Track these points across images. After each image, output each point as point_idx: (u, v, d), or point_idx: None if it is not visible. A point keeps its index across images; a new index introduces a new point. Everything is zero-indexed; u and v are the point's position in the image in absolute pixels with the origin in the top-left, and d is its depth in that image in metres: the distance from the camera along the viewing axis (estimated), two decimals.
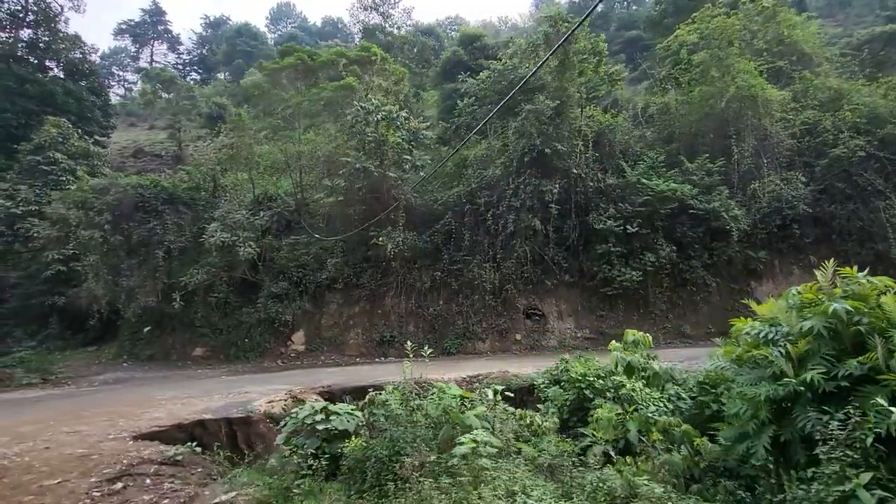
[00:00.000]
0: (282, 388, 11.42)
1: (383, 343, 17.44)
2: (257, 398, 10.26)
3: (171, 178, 19.19)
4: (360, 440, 5.97)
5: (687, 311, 16.16)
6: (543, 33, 16.25)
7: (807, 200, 15.22)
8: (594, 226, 15.97)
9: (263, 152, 19.90)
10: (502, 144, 16.87)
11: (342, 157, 17.04)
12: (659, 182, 15.34)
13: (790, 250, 16.03)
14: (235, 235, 16.81)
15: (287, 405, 9.75)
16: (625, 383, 7.73)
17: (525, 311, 17.13)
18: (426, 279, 17.72)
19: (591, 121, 16.49)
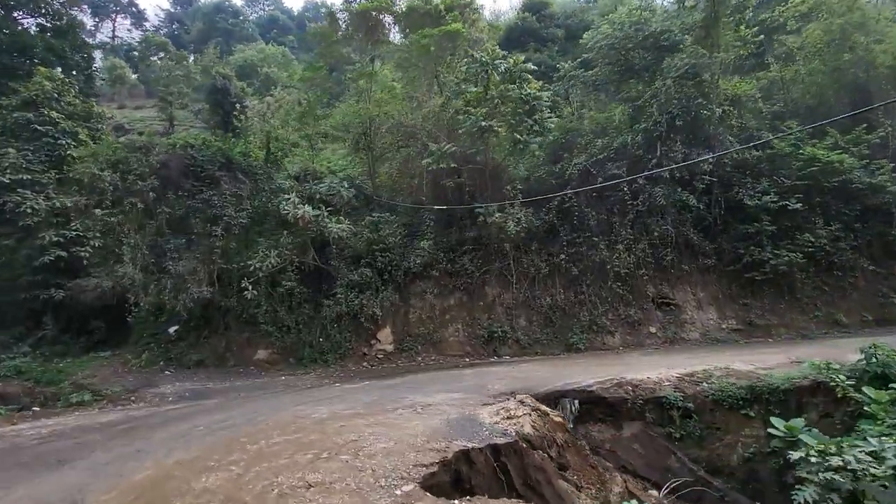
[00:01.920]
0: (450, 396, 8.62)
1: (492, 340, 14.73)
2: (470, 411, 7.41)
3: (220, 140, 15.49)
4: None
5: (835, 298, 14.63)
6: None
7: None
8: (744, 201, 14.12)
9: (335, 113, 16.66)
10: (633, 110, 14.69)
11: (448, 116, 14.25)
12: (826, 152, 13.72)
13: None
14: (318, 209, 13.57)
15: (535, 422, 6.98)
16: None
17: (654, 300, 14.99)
18: (542, 264, 15.19)
19: (734, 86, 14.69)
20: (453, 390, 9.67)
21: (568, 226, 15.12)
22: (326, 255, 15.72)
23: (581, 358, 13.17)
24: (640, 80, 14.90)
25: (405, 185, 16.87)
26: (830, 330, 14.08)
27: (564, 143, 15.69)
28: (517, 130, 13.75)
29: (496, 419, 6.92)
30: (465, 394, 9.23)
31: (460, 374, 11.66)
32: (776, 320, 14.41)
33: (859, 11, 16.14)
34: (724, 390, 8.84)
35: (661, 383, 9.41)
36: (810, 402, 8.29)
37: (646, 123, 13.78)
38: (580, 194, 14.84)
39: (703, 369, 9.74)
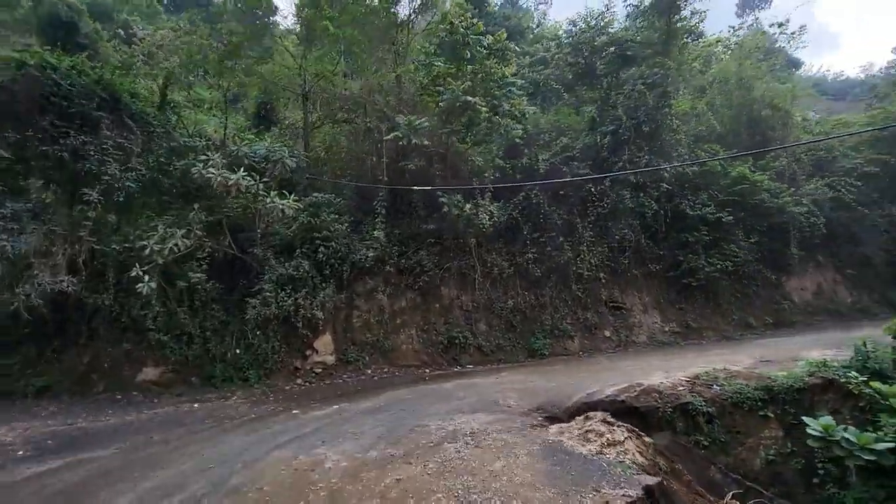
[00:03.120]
0: (476, 418, 6.85)
1: (451, 347, 13.01)
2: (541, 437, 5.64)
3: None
4: None
5: (746, 304, 16.45)
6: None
7: (829, 206, 17.28)
8: (686, 211, 15.01)
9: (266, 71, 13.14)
10: (598, 111, 14.57)
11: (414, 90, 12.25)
12: (753, 173, 15.34)
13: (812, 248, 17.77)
14: (251, 178, 10.31)
15: (640, 448, 5.55)
16: None
17: (607, 304, 15.00)
18: (505, 264, 14.00)
19: (677, 103, 15.68)
20: (465, 410, 7.76)
21: (531, 224, 14.27)
22: (241, 242, 12.23)
23: (556, 364, 12.26)
24: (598, 84, 14.94)
25: (353, 165, 14.21)
26: (744, 332, 15.70)
27: (525, 139, 14.92)
28: (496, 113, 12.46)
29: (591, 447, 5.34)
30: (490, 414, 7.41)
31: (440, 390, 9.68)
32: (705, 323, 15.57)
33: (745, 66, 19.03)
34: (741, 392, 8.62)
35: (677, 388, 8.88)
36: (821, 399, 8.49)
37: (613, 126, 13.76)
38: (545, 192, 14.14)
39: (704, 372, 9.53)
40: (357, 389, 10.33)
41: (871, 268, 18.21)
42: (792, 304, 17.01)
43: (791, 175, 17.25)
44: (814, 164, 18.15)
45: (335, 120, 14.74)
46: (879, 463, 6.99)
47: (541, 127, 15.34)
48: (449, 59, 12.60)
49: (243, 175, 9.79)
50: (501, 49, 12.26)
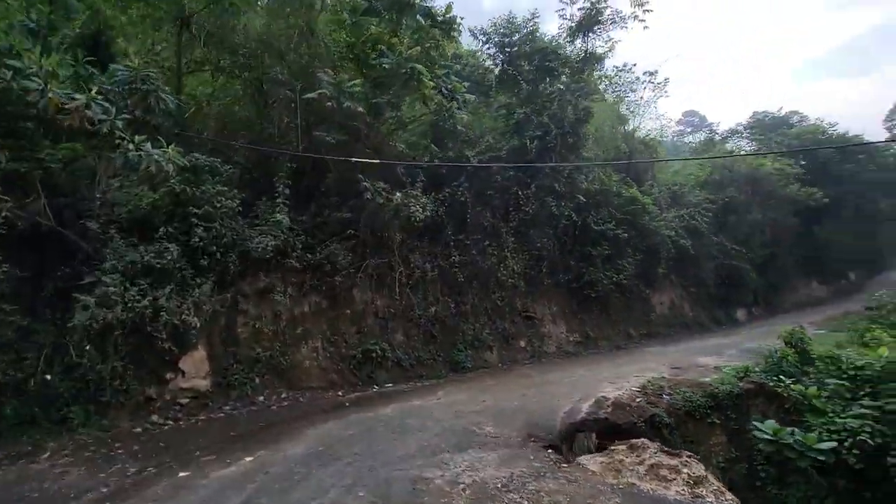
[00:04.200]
0: (482, 457, 5.52)
1: (366, 362, 10.81)
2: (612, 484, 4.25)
3: None
4: None
5: (627, 315, 17.87)
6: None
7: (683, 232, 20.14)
8: (591, 225, 15.61)
9: None
10: (523, 115, 14.11)
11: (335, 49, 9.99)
12: (642, 196, 16.75)
13: (668, 268, 20.40)
14: (106, 107, 6.72)
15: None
16: None
17: (521, 314, 14.54)
18: (427, 266, 12.35)
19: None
20: (444, 446, 6.03)
21: (456, 224, 12.99)
22: (62, 210, 8.19)
23: (486, 379, 11.03)
24: (520, 89, 14.67)
25: (245, 128, 10.92)
26: (627, 341, 16.98)
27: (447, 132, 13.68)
28: (440, 92, 10.91)
29: (677, 489, 4.13)
30: (482, 448, 5.88)
31: (381, 418, 7.57)
32: (600, 333, 16.33)
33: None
34: (691, 401, 8.62)
35: (635, 399, 8.46)
36: (753, 404, 8.98)
37: (540, 131, 13.50)
38: (471, 190, 13.06)
39: (648, 381, 9.40)
40: (259, 426, 7.44)
41: (705, 287, 21.86)
42: (656, 316, 19.18)
43: (658, 203, 19.69)
44: (671, 197, 21.17)
45: (219, 67, 11.26)
46: (824, 462, 7.49)
47: (461, 120, 14.32)
48: (383, 20, 10.68)
49: (96, 97, 6.21)
50: (448, 22, 10.91)
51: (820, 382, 8.66)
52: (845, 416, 7.72)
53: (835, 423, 7.73)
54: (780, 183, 23.58)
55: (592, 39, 14.86)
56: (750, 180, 22.95)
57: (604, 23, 14.14)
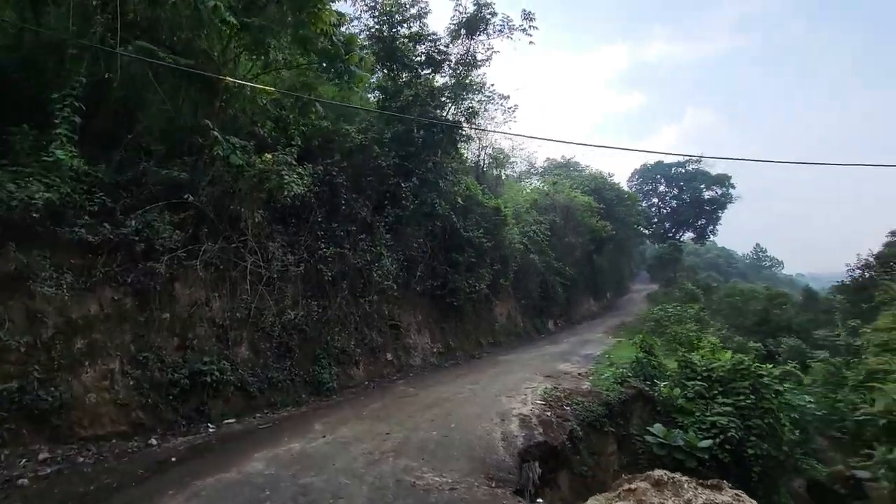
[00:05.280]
0: None
1: (194, 390, 7.52)
2: None
3: None
4: None
5: (478, 324, 17.86)
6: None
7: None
8: (461, 231, 15.02)
9: None
10: (406, 101, 12.53)
11: None
12: (500, 202, 16.95)
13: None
14: None
15: None
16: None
17: (387, 323, 12.77)
18: (289, 258, 9.50)
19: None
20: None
21: (327, 210, 10.54)
22: None
23: (367, 403, 8.88)
24: (398, 74, 13.24)
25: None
26: (480, 351, 16.92)
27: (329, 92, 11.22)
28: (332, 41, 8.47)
29: None
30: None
31: (252, 488, 4.87)
32: (458, 343, 15.77)
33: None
34: (592, 411, 8.43)
35: (545, 414, 7.80)
36: (634, 408, 9.33)
37: (427, 120, 12.20)
38: (347, 173, 10.83)
39: (542, 393, 8.94)
40: None
41: (531, 300, 23.93)
42: (499, 326, 19.88)
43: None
44: (514, 214, 22.63)
45: None
46: (705, 460, 8.08)
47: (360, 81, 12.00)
48: None
49: None
50: None
51: (680, 384, 9.62)
52: (710, 414, 8.60)
53: (704, 422, 8.52)
54: (587, 214, 28.07)
55: (475, 44, 14.57)
56: (566, 209, 26.56)
57: (490, 29, 13.98)
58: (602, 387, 9.42)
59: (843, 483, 9.75)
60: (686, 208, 65.90)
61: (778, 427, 8.47)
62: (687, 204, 65.91)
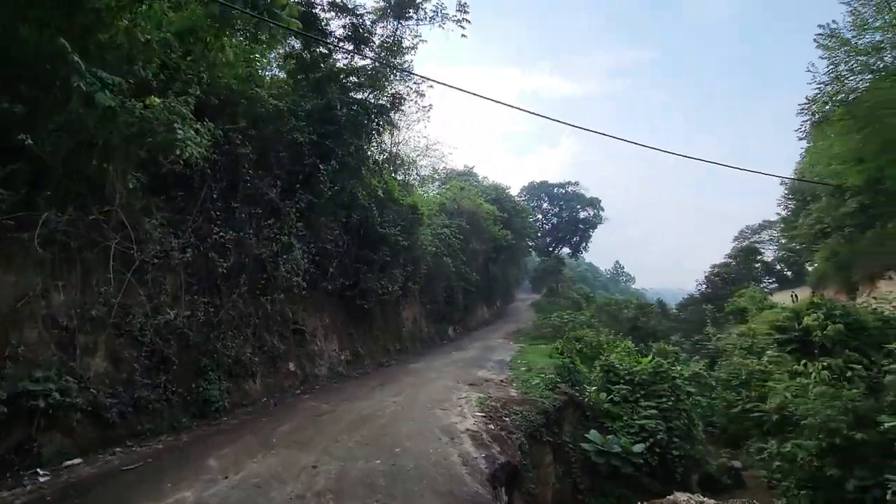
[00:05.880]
0: None
1: (18, 420, 5.20)
2: None
3: None
4: None
5: (386, 329, 16.56)
6: None
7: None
8: (377, 227, 13.69)
9: None
10: (329, 68, 10.89)
11: None
12: (417, 199, 15.92)
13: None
14: None
15: None
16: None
17: (289, 327, 10.92)
18: (174, 240, 7.34)
19: None
20: None
21: (226, 185, 8.52)
22: None
23: (272, 426, 7.15)
24: (316, 45, 11.61)
25: None
26: (387, 358, 15.67)
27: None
28: None
29: None
30: None
31: None
32: (366, 349, 14.34)
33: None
34: (531, 420, 7.90)
35: (489, 428, 7.05)
36: (566, 414, 9.03)
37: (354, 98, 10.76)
38: (253, 142, 8.93)
39: (478, 404, 8.19)
40: None
41: (436, 305, 23.33)
42: (406, 331, 18.84)
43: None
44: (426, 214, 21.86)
45: None
46: (640, 464, 8.04)
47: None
48: None
49: None
50: None
51: (605, 389, 9.67)
52: (638, 417, 8.70)
53: (632, 426, 8.58)
54: (490, 222, 28.58)
55: (403, 29, 13.53)
56: (472, 215, 26.68)
57: (421, 14, 13.06)
58: (535, 394, 9.01)
59: (727, 473, 10.82)
60: (565, 225, 72.37)
61: (692, 426, 8.98)
62: (566, 221, 72.44)
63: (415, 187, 21.20)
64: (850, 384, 7.66)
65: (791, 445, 7.95)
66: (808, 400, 7.72)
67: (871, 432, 6.73)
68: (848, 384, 7.67)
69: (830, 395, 7.33)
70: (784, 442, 8.36)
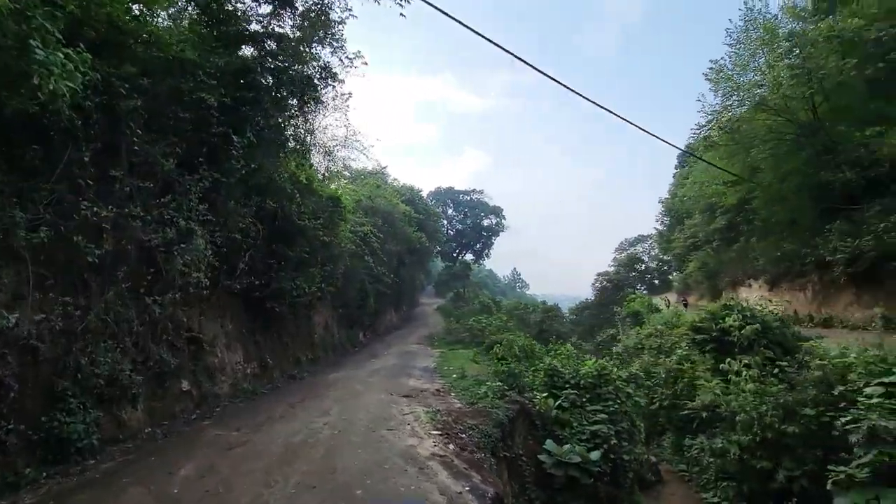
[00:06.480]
0: None
1: None
2: None
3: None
4: None
5: (294, 337, 14.54)
6: None
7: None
8: (294, 218, 11.87)
9: None
10: (242, 27, 8.98)
11: None
12: (339, 191, 14.22)
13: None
14: None
15: None
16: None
17: (183, 335, 8.75)
18: (18, 214, 5.12)
19: None
20: None
21: (101, 149, 6.37)
22: None
23: (167, 472, 5.30)
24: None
25: None
26: (299, 369, 13.76)
27: None
28: None
29: None
30: None
31: None
32: (275, 360, 12.36)
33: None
34: (489, 436, 7.10)
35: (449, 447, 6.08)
36: (517, 424, 8.36)
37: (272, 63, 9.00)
38: (143, 98, 6.88)
39: (428, 419, 7.18)
40: None
41: (348, 309, 21.56)
42: (318, 338, 16.96)
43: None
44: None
45: None
46: (594, 473, 7.67)
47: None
48: None
49: None
50: None
51: (552, 394, 9.27)
52: (589, 423, 8.40)
53: (583, 432, 8.25)
54: (405, 223, 27.55)
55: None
56: (388, 215, 25.42)
57: None
58: (485, 404, 8.23)
59: (651, 470, 11.23)
60: (469, 232, 74.26)
61: (636, 428, 9.00)
62: (470, 228, 74.35)
63: (332, 180, 19.32)
64: (776, 381, 8.26)
65: (723, 441, 8.32)
66: (740, 397, 8.16)
67: (798, 425, 7.20)
68: (775, 381, 8.27)
69: (762, 392, 7.80)
70: (712, 437, 8.74)
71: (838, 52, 15.03)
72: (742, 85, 18.49)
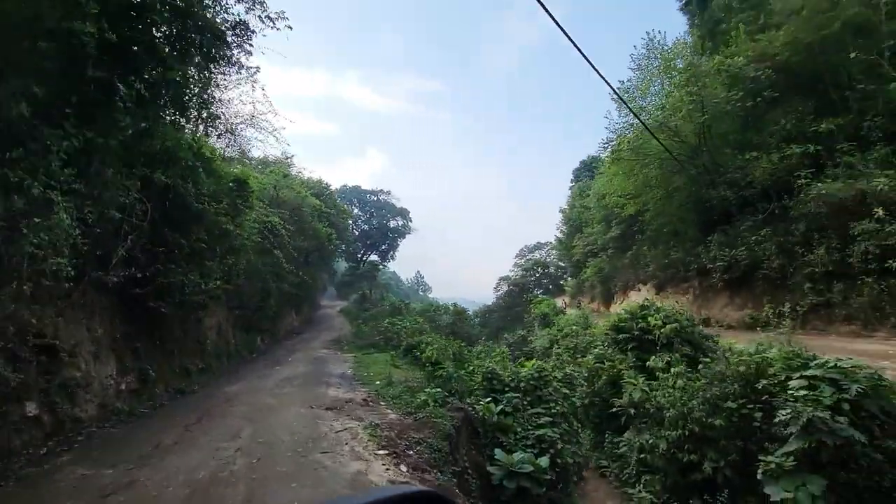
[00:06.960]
0: None
1: None
2: None
3: None
4: None
5: (179, 344, 12.18)
6: None
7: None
8: (190, 200, 9.81)
9: None
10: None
11: None
12: (248, 173, 12.16)
13: None
14: None
15: None
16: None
17: (29, 342, 6.54)
18: None
19: None
20: None
21: None
22: None
23: None
24: None
25: None
26: (188, 382, 11.56)
27: None
28: None
29: None
30: None
31: None
32: (158, 372, 10.12)
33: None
34: (438, 450, 6.33)
35: (400, 469, 5.20)
36: (462, 434, 7.65)
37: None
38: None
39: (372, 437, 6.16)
40: None
41: (246, 310, 19.02)
42: (210, 344, 14.59)
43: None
44: None
45: None
46: (544, 481, 7.28)
47: None
48: None
49: None
50: None
51: (493, 399, 8.78)
52: (533, 427, 8.05)
53: (528, 437, 7.88)
54: (315, 217, 25.41)
55: None
56: (297, 209, 23.20)
57: None
58: (428, 413, 7.41)
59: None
60: (375, 233, 72.52)
61: (574, 429, 8.89)
62: (376, 229, 72.65)
63: (233, 163, 16.88)
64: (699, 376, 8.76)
65: (651, 436, 8.59)
66: (668, 393, 8.51)
67: (723, 418, 7.64)
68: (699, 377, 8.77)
69: (690, 388, 8.20)
70: (640, 433, 9.01)
71: (725, 85, 17.34)
72: (644, 108, 20.40)
